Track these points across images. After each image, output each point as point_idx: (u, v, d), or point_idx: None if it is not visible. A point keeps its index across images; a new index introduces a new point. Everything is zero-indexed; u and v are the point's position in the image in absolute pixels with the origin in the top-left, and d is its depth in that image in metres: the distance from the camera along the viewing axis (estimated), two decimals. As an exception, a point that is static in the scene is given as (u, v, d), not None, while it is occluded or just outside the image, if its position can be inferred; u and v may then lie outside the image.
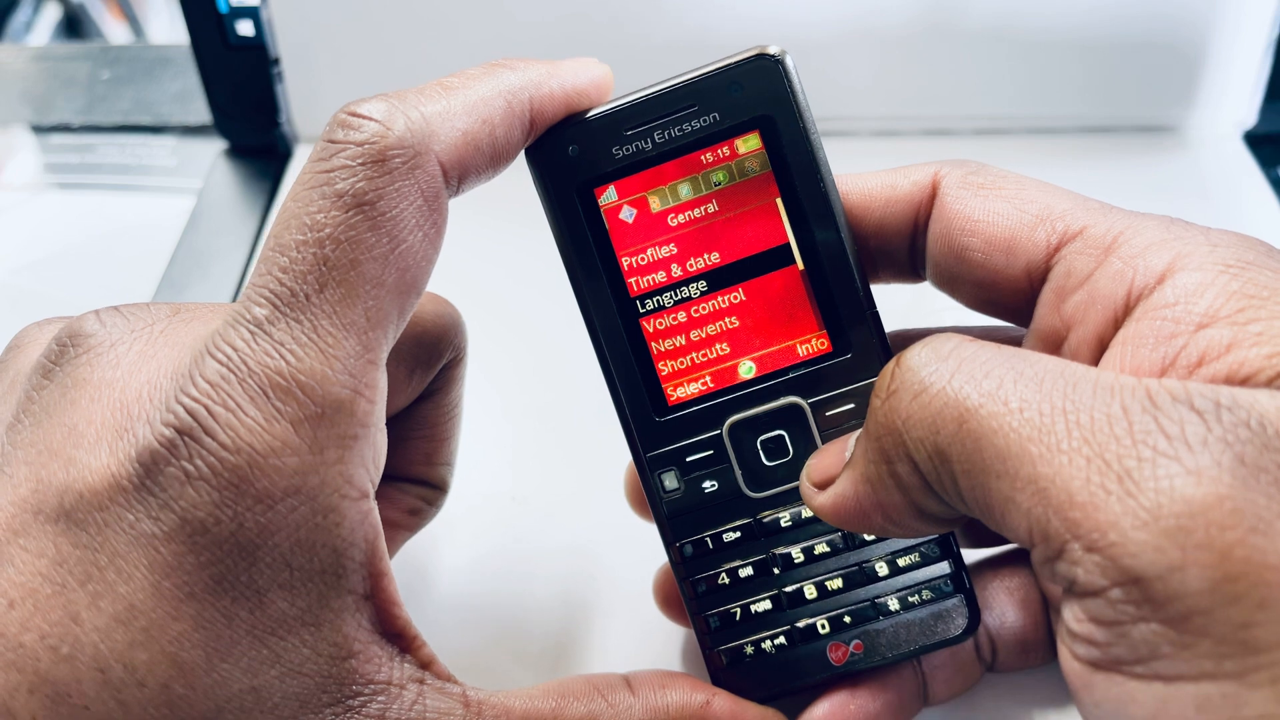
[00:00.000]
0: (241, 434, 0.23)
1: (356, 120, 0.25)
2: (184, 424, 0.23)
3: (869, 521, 0.25)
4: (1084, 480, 0.20)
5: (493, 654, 0.34)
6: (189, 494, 0.23)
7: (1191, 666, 0.19)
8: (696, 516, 0.30)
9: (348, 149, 0.24)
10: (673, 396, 0.30)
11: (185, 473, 0.23)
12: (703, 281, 0.29)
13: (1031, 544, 0.22)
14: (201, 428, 0.23)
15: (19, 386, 0.26)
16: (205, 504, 0.23)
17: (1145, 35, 0.48)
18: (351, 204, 0.24)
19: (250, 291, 0.24)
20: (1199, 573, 0.19)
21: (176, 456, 0.23)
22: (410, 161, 0.24)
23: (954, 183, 0.28)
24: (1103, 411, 0.21)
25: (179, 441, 0.23)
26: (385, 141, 0.24)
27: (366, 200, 0.24)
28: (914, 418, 0.23)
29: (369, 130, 0.24)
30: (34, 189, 0.54)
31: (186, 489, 0.23)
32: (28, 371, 0.26)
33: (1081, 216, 0.26)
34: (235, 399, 0.23)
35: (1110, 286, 0.25)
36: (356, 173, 0.24)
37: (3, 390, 0.27)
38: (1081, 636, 0.21)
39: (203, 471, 0.23)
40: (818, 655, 0.30)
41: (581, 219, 0.29)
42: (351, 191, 0.24)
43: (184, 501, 0.23)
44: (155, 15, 1.18)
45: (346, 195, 0.24)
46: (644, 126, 0.28)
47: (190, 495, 0.23)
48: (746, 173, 0.29)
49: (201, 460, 0.23)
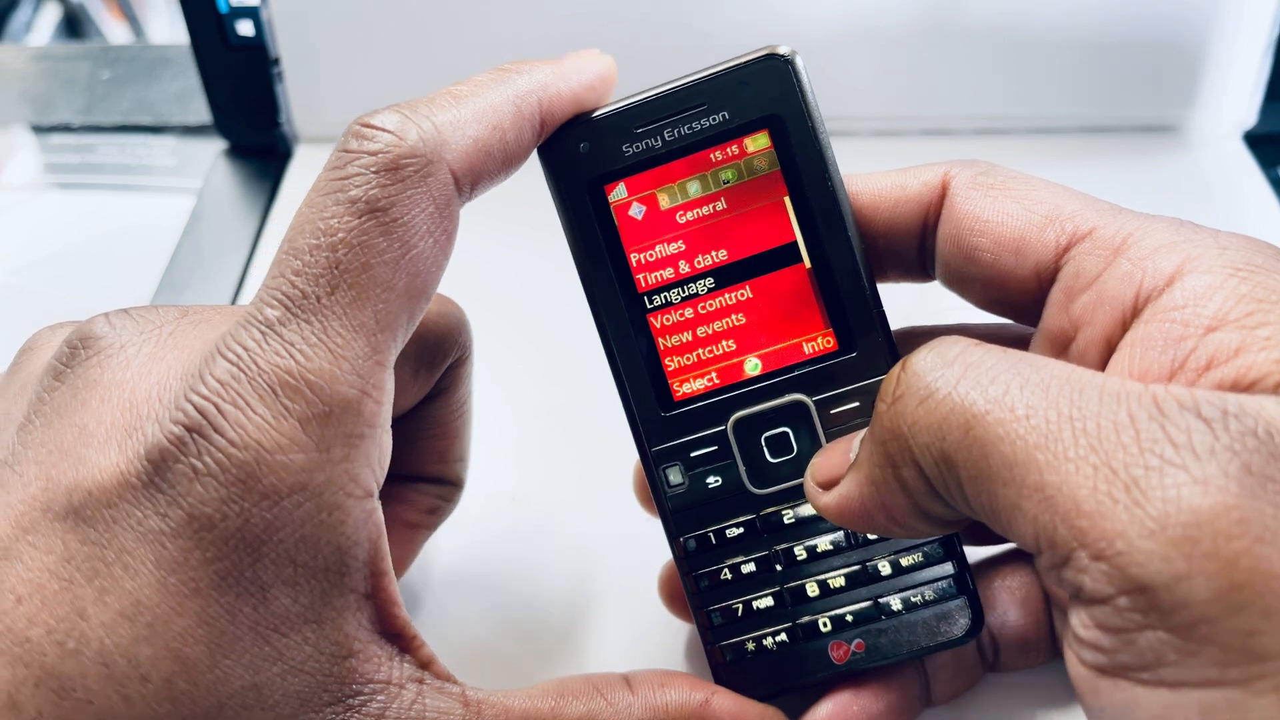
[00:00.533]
0: (250, 431, 0.23)
1: (370, 131, 0.25)
2: (193, 422, 0.23)
3: (873, 523, 0.26)
4: (1091, 488, 0.20)
5: (492, 654, 0.34)
6: (196, 490, 0.23)
7: (1197, 673, 0.20)
8: (700, 512, 0.30)
9: (361, 158, 0.25)
10: (678, 392, 0.30)
11: (193, 469, 0.23)
12: (710, 278, 0.29)
13: (1038, 550, 0.22)
14: (210, 425, 0.23)
15: (30, 388, 0.26)
16: (212, 500, 0.23)
17: (1145, 35, 0.48)
18: (364, 210, 0.24)
19: (263, 293, 0.24)
20: (1205, 582, 0.19)
21: (185, 453, 0.23)
22: (423, 170, 0.25)
23: (964, 183, 0.28)
24: (1109, 419, 0.21)
25: (188, 439, 0.23)
26: (399, 150, 0.25)
27: (379, 206, 0.24)
28: (920, 423, 0.23)
29: (383, 140, 0.25)
30: (34, 189, 0.54)
31: (194, 485, 0.23)
32: (39, 373, 0.26)
33: (1091, 217, 0.26)
34: (244, 397, 0.23)
35: (1119, 288, 0.25)
36: (370, 180, 0.24)
37: (15, 392, 0.27)
38: (1088, 642, 0.21)
39: (210, 468, 0.23)
40: (819, 654, 0.30)
41: (591, 215, 0.29)
42: (365, 198, 0.24)
43: (191, 498, 0.23)
44: (155, 15, 1.18)
45: (360, 201, 0.24)
46: (654, 124, 0.29)
47: (198, 491, 0.23)
48: (755, 171, 0.29)
49: (210, 457, 0.23)
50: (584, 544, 0.37)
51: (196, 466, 0.23)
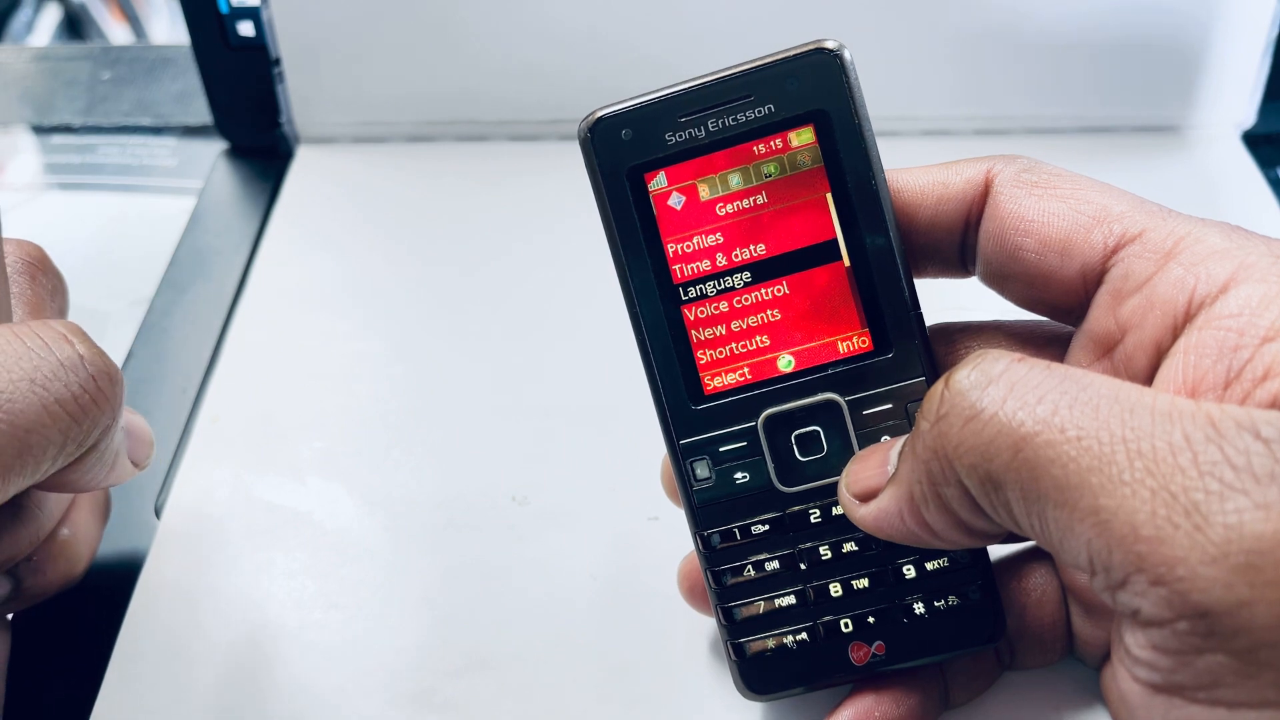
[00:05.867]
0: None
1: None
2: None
3: (912, 537, 0.25)
4: (1149, 513, 0.20)
5: (493, 654, 0.34)
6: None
7: (1255, 695, 0.20)
8: (726, 507, 0.30)
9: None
10: (710, 386, 0.29)
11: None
12: (747, 272, 0.29)
13: (1091, 572, 0.21)
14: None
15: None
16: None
17: (1145, 35, 0.48)
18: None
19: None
20: (1267, 609, 0.19)
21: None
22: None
23: (1007, 180, 0.28)
24: (1164, 440, 0.21)
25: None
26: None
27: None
28: (965, 444, 0.23)
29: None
30: (35, 189, 0.54)
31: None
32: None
33: (1140, 219, 0.26)
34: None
35: (1170, 292, 0.25)
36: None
37: None
38: (1143, 662, 0.21)
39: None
40: (839, 654, 0.29)
41: (630, 203, 0.29)
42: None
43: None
44: (156, 16, 1.18)
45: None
46: (698, 114, 0.28)
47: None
48: (798, 166, 0.28)
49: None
50: (585, 544, 0.37)
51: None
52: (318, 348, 0.44)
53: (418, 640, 0.34)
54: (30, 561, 0.33)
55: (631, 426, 0.35)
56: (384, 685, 0.33)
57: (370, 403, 0.42)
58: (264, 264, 0.48)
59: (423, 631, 0.35)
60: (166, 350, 0.45)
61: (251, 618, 0.35)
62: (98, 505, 0.36)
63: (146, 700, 0.33)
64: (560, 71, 0.50)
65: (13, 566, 0.32)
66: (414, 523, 0.38)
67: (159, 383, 0.43)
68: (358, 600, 0.36)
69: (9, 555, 0.32)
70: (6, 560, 0.32)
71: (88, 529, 0.35)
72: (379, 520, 0.38)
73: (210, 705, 0.33)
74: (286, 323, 0.45)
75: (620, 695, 0.33)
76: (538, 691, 0.33)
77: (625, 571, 0.36)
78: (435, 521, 0.38)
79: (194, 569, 0.36)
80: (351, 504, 0.38)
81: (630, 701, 0.33)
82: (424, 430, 0.41)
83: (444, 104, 0.51)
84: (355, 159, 0.52)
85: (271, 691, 0.33)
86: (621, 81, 0.29)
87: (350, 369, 0.43)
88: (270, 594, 0.36)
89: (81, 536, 0.34)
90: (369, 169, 0.51)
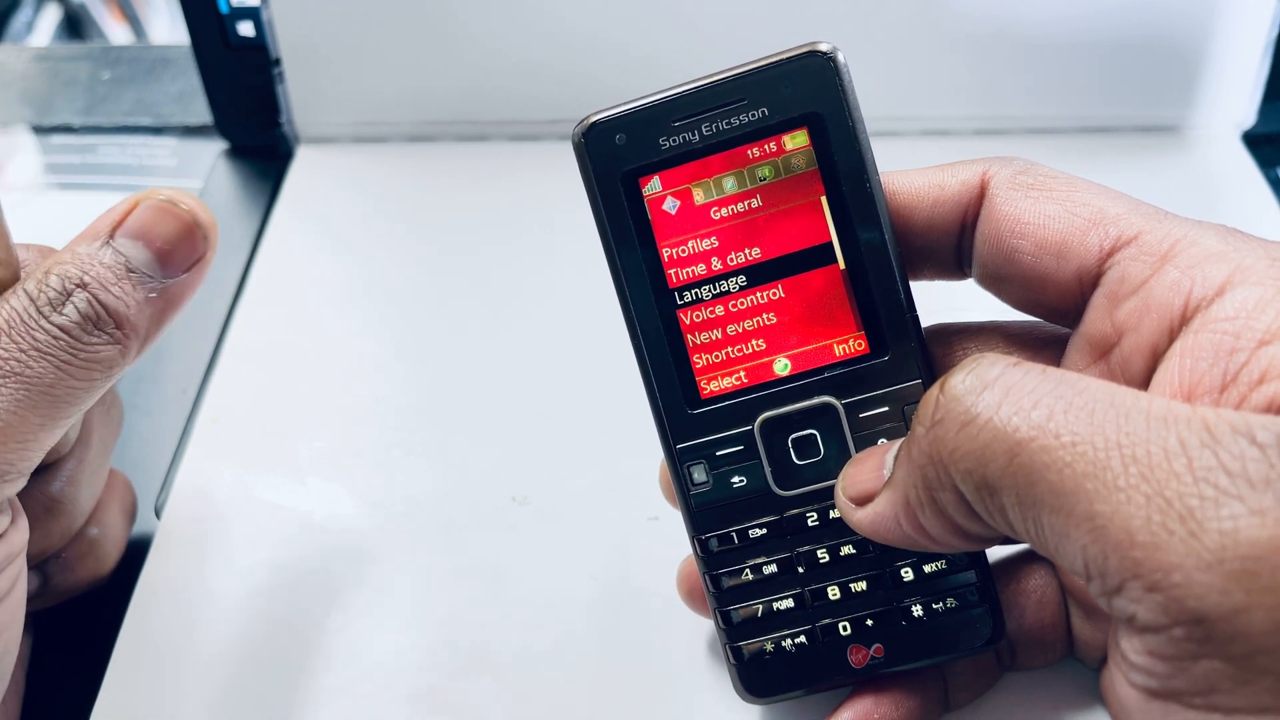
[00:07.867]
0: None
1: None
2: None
3: (908, 540, 0.25)
4: (1144, 519, 0.20)
5: (493, 654, 0.34)
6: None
7: (1251, 701, 0.20)
8: (723, 511, 0.30)
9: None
10: (706, 390, 0.29)
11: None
12: (742, 276, 0.29)
13: (1087, 578, 0.21)
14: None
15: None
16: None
17: (1145, 35, 0.48)
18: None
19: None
20: (1264, 615, 0.19)
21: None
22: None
23: (1003, 182, 0.28)
24: (1159, 445, 0.20)
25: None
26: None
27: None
28: (961, 449, 0.23)
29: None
30: (35, 190, 0.54)
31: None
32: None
33: (1136, 222, 0.26)
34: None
35: (1166, 295, 0.25)
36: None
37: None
38: (1140, 667, 0.21)
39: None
40: (838, 657, 0.29)
41: (625, 207, 0.29)
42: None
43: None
44: (156, 16, 1.18)
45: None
46: (692, 118, 0.28)
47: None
48: (792, 169, 0.29)
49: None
50: (584, 544, 0.37)
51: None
52: (318, 348, 0.44)
53: (418, 640, 0.34)
54: (60, 558, 0.33)
55: (632, 427, 0.35)
56: (384, 685, 0.33)
57: (370, 403, 0.42)
58: (264, 264, 0.48)
59: (423, 631, 0.35)
60: (166, 350, 0.45)
61: (251, 618, 0.35)
62: (125, 505, 0.36)
63: (146, 700, 0.33)
64: (560, 71, 0.50)
65: (42, 562, 0.33)
66: (414, 523, 0.38)
67: (159, 383, 0.43)
68: (358, 600, 0.36)
69: (40, 549, 0.32)
70: (38, 554, 0.32)
71: (115, 529, 0.35)
72: (379, 520, 0.38)
73: (210, 705, 0.33)
74: (286, 323, 0.45)
75: (620, 696, 0.33)
76: (538, 692, 0.33)
77: (625, 572, 0.36)
78: (435, 521, 0.38)
79: (194, 569, 0.36)
80: (351, 504, 0.38)
81: (630, 702, 0.33)
82: (424, 430, 0.41)
83: (444, 104, 0.52)
84: (355, 159, 0.52)
85: (271, 691, 0.33)
86: (621, 81, 0.29)
87: (350, 369, 0.43)
88: (270, 594, 0.36)
89: (110, 535, 0.34)
90: (369, 169, 0.51)
